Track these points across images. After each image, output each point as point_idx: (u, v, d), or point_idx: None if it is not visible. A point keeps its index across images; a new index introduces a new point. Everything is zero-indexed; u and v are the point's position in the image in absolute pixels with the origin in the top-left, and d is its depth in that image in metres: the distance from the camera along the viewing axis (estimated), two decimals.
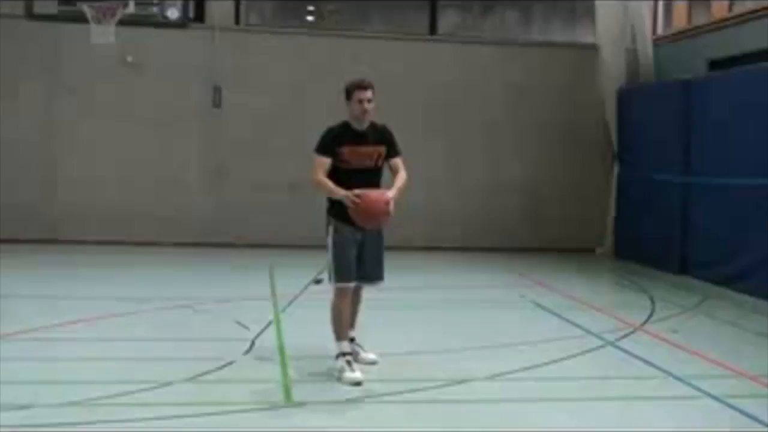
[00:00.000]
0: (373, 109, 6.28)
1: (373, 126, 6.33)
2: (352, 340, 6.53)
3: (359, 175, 6.17)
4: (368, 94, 6.20)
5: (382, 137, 6.32)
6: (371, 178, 6.25)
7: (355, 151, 6.19)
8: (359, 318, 6.63)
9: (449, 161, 14.32)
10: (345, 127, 6.29)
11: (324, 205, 6.37)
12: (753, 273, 10.19)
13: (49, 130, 13.57)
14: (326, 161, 6.20)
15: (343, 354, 6.16)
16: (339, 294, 6.25)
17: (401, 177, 6.32)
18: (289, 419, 5.28)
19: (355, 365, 6.12)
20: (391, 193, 6.09)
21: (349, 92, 6.25)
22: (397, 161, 6.38)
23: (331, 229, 6.25)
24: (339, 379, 6.03)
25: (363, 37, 14.41)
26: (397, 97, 13.56)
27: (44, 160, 13.56)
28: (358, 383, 5.94)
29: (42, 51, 13.42)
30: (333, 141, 6.21)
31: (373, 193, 6.02)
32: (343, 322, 6.25)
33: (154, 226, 13.63)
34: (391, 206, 6.01)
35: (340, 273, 6.18)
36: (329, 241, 6.24)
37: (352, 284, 6.26)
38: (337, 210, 6.17)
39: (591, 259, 13.88)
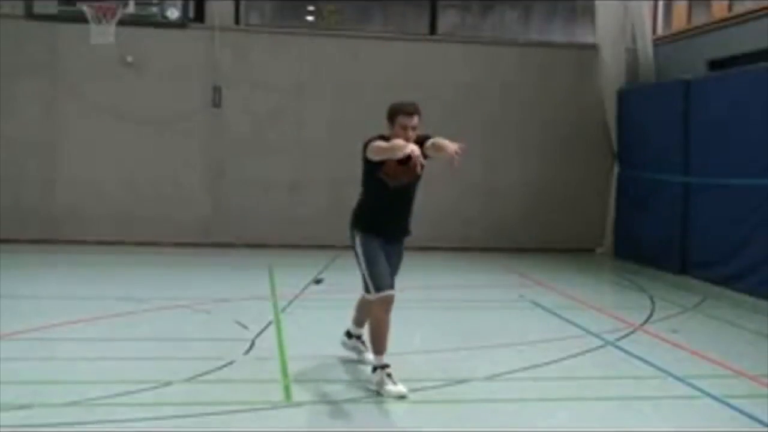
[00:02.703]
0: (415, 135, 5.80)
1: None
2: (359, 337, 6.56)
3: (395, 195, 5.91)
4: (414, 121, 5.80)
5: (419, 144, 5.73)
6: (405, 196, 5.99)
7: (392, 170, 5.80)
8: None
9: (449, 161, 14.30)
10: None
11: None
12: (753, 273, 10.20)
13: (49, 130, 13.56)
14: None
15: (383, 367, 5.81)
16: (381, 304, 5.86)
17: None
18: (289, 419, 5.27)
19: (394, 378, 5.77)
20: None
21: (392, 115, 5.84)
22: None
23: (357, 240, 5.98)
24: (379, 393, 5.74)
25: (363, 37, 14.41)
26: (397, 97, 13.49)
27: (44, 160, 13.55)
28: (403, 396, 5.64)
29: (42, 51, 13.41)
30: None
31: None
32: (382, 333, 5.88)
33: (153, 226, 13.63)
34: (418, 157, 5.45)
35: (379, 280, 5.85)
36: (359, 250, 5.95)
37: (393, 291, 5.90)
38: (363, 224, 5.98)
39: (591, 259, 13.89)
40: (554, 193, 14.50)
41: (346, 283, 6.83)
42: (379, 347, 5.89)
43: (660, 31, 14.48)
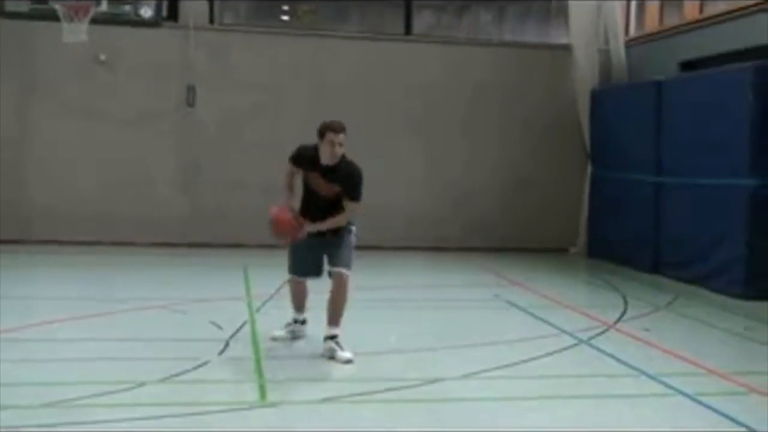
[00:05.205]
0: (342, 150, 6.56)
1: (341, 164, 6.60)
2: (333, 337, 6.60)
3: (320, 198, 6.64)
4: (340, 137, 6.50)
5: (344, 181, 6.60)
6: (331, 202, 6.64)
7: (316, 180, 6.65)
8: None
9: (426, 161, 14.34)
10: (315, 155, 6.61)
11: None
12: (724, 272, 10.33)
13: (21, 129, 13.43)
14: (294, 170, 6.78)
15: (295, 321, 7.18)
16: (292, 282, 7.10)
17: (339, 217, 6.61)
18: (264, 419, 5.28)
19: (287, 329, 7.16)
20: (307, 226, 6.62)
21: (322, 132, 6.53)
22: (349, 204, 6.62)
23: None
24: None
25: (339, 37, 14.42)
26: (373, 97, 13.60)
27: (17, 160, 13.41)
28: (273, 339, 7.05)
29: (13, 49, 13.27)
30: (303, 161, 6.69)
31: (285, 215, 6.70)
32: (294, 298, 7.13)
33: (128, 226, 13.54)
34: (302, 233, 6.63)
35: (292, 267, 7.00)
36: None
37: (299, 278, 6.98)
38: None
39: (564, 258, 13.99)
40: (529, 193, 14.58)
41: (320, 283, 6.86)
42: (293, 305, 7.17)
43: (633, 32, 14.60)
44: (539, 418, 5.42)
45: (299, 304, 7.13)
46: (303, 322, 7.21)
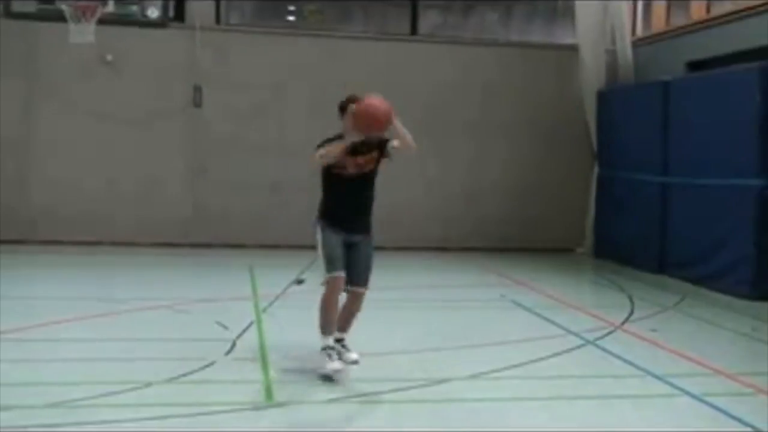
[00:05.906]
0: None
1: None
2: (340, 340, 6.57)
3: (353, 182, 6.29)
4: None
5: (375, 141, 6.33)
6: (365, 184, 6.37)
7: (352, 160, 6.27)
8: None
9: (431, 161, 14.30)
10: (341, 140, 6.33)
11: (312, 212, 6.46)
12: (731, 272, 10.30)
13: (27, 129, 13.46)
14: None
15: (327, 347, 6.19)
16: (330, 285, 6.20)
17: (406, 137, 6.30)
18: (271, 419, 5.28)
19: (335, 356, 6.17)
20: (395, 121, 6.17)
21: (343, 107, 6.42)
22: (394, 141, 6.35)
23: (318, 229, 6.33)
24: (320, 374, 6.09)
25: (344, 37, 14.41)
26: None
27: (22, 160, 13.44)
28: (336, 371, 6.06)
29: (20, 50, 13.29)
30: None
31: (374, 98, 6.17)
32: (330, 316, 6.23)
33: (133, 227, 13.57)
34: (393, 119, 6.14)
35: (330, 263, 6.18)
36: (318, 237, 6.30)
37: (342, 273, 6.21)
38: (325, 219, 6.31)
39: (571, 258, 13.97)
40: (534, 192, 14.56)
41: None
42: (325, 328, 6.22)
43: (639, 32, 14.57)
44: (544, 418, 5.40)
45: (335, 317, 6.30)
46: (336, 350, 6.38)
